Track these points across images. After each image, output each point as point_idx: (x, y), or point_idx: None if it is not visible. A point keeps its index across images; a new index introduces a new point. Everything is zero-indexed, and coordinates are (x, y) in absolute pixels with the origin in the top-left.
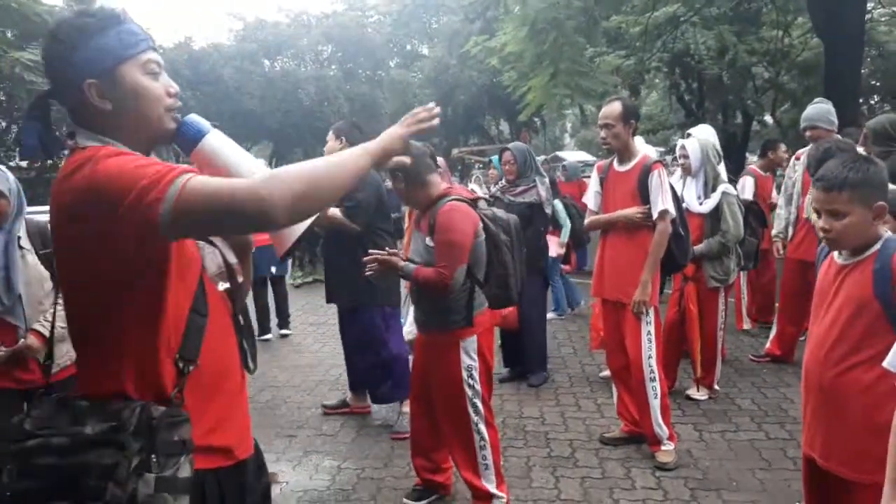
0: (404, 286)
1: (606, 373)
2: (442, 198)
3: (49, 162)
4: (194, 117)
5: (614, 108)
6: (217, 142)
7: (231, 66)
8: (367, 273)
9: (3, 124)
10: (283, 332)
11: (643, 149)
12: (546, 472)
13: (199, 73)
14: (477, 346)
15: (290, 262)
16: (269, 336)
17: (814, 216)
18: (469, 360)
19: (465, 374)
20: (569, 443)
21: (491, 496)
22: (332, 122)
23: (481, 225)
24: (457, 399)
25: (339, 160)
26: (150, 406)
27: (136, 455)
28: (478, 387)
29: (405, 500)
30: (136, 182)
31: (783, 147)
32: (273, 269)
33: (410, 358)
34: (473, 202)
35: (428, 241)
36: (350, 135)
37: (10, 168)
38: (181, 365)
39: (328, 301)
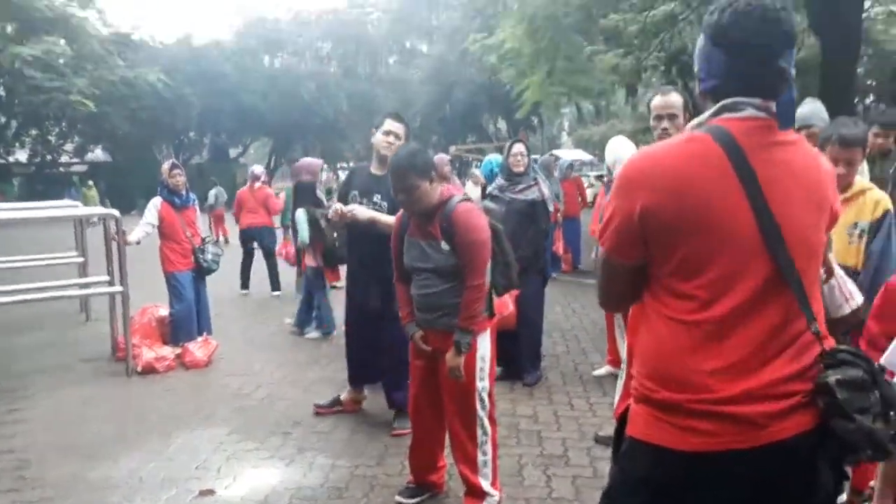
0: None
1: (599, 371)
2: (447, 200)
3: (49, 158)
4: None
5: (675, 98)
6: None
7: (231, 63)
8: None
9: (3, 119)
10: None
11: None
12: (538, 471)
13: (200, 68)
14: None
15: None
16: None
17: None
18: (485, 350)
19: (478, 366)
20: (561, 441)
21: (484, 493)
22: (332, 119)
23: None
24: (467, 391)
25: None
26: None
27: None
28: (487, 380)
29: (398, 497)
30: None
31: None
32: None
33: None
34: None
35: (444, 245)
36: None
37: (9, 163)
38: None
39: (361, 305)
